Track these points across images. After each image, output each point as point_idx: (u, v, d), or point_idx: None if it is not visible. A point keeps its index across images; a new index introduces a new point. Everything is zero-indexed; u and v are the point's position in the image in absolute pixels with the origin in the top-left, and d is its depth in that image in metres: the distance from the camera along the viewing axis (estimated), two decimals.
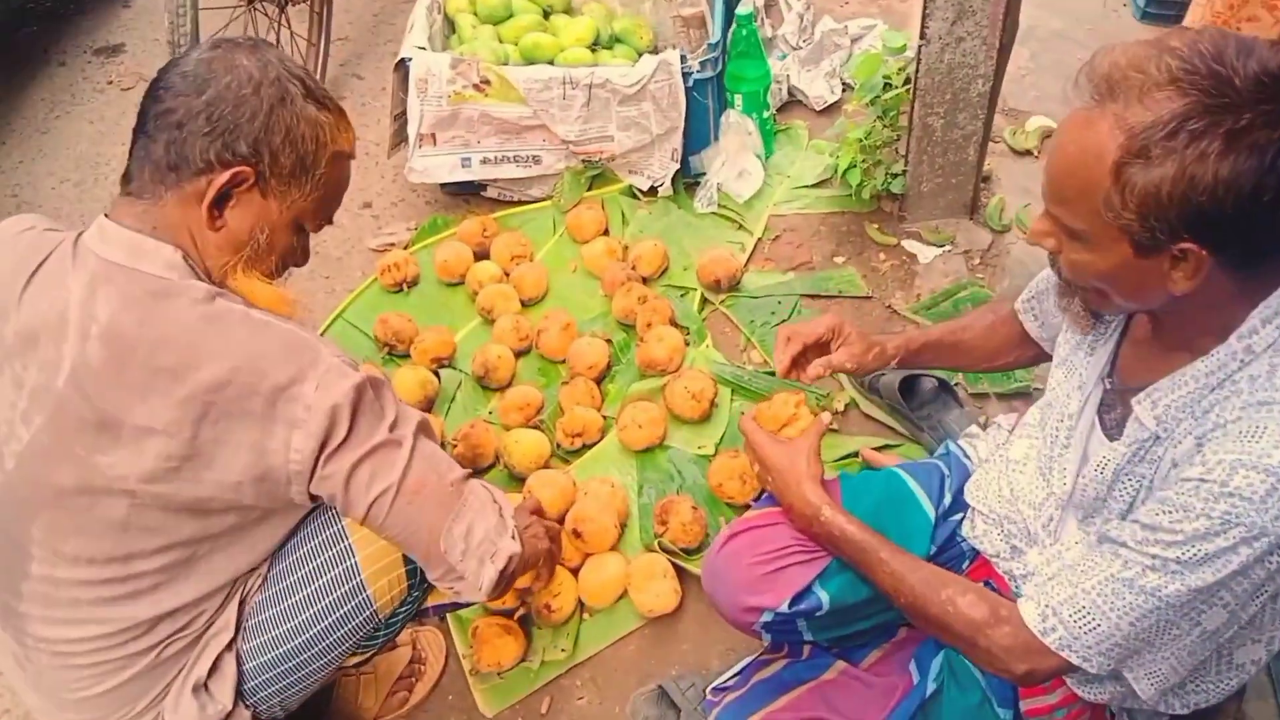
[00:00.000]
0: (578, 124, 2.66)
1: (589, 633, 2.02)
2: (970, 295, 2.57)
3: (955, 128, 2.50)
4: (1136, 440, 1.25)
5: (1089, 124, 1.09)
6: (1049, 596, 1.26)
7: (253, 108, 1.28)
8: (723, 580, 1.56)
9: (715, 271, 2.58)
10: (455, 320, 2.64)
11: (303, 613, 1.44)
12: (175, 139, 1.27)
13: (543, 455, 2.24)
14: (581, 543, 2.04)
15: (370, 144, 3.20)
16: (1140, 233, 1.09)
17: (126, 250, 1.28)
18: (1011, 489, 1.54)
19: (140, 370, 1.24)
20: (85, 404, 1.25)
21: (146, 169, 1.29)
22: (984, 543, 1.58)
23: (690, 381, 2.28)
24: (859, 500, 1.58)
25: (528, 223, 2.87)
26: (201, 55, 1.31)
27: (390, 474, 1.32)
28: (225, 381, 1.24)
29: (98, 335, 1.25)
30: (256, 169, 1.30)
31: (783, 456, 1.55)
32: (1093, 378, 1.37)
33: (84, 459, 1.26)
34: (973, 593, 1.34)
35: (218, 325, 1.27)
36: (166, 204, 1.29)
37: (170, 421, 1.24)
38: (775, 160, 2.96)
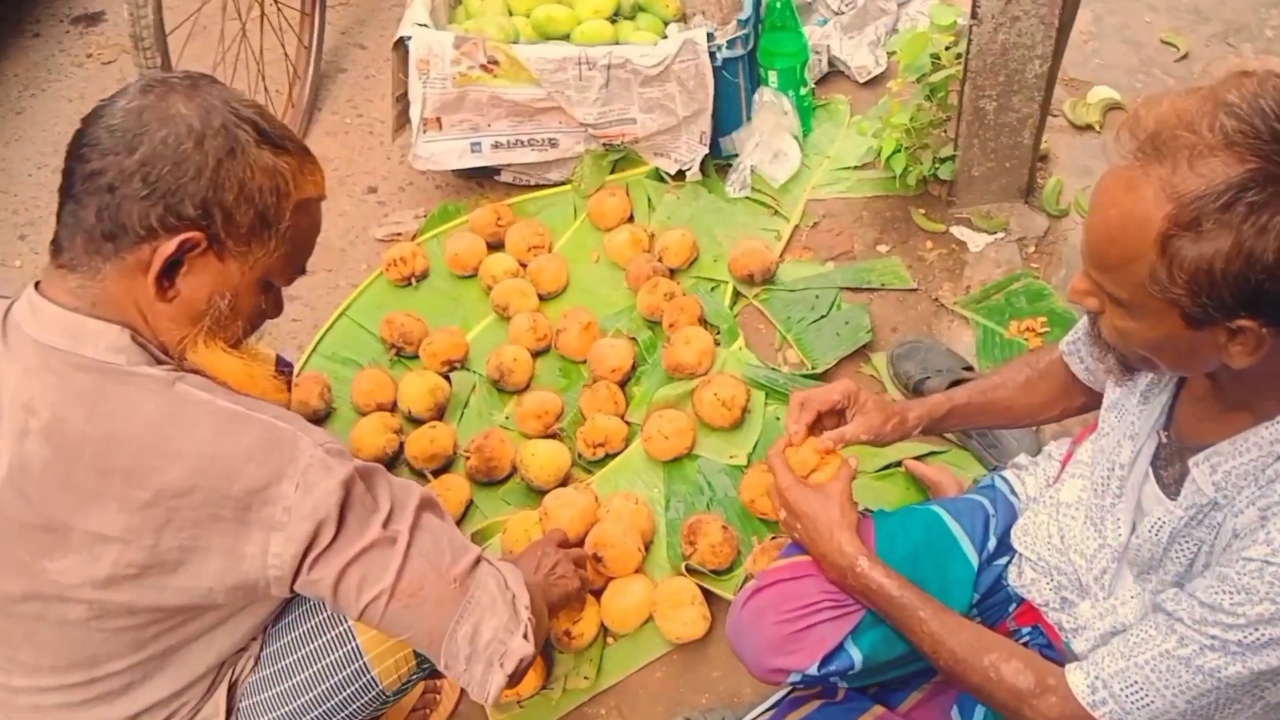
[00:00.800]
0: (596, 106, 2.66)
1: (613, 659, 2.06)
2: (1024, 287, 2.56)
3: (1010, 111, 2.48)
4: (1194, 504, 1.25)
5: (1132, 187, 1.06)
6: (1100, 668, 1.27)
7: (196, 164, 1.20)
8: (748, 640, 1.58)
9: (749, 265, 2.58)
10: (467, 317, 2.66)
11: (306, 694, 1.46)
12: (108, 205, 1.19)
13: (562, 467, 2.27)
14: (603, 567, 2.06)
15: (375, 121, 3.22)
16: (1191, 308, 1.07)
17: (64, 332, 1.21)
18: (1063, 536, 1.55)
19: (89, 472, 1.19)
20: (27, 507, 1.21)
21: (79, 239, 1.21)
22: (1032, 592, 1.59)
23: (720, 388, 2.29)
24: (895, 546, 1.59)
25: (545, 209, 2.88)
26: (130, 104, 1.21)
27: (384, 576, 1.29)
28: (190, 487, 1.19)
29: (38, 432, 1.20)
30: (208, 232, 1.23)
31: (814, 502, 1.56)
32: (1146, 428, 1.37)
33: (29, 564, 1.23)
34: (1017, 659, 1.36)
35: (178, 420, 1.21)
36: (106, 277, 1.22)
37: (127, 529, 1.20)
38: (814, 139, 2.95)
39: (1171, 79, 3.08)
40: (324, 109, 3.29)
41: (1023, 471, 1.77)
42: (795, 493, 1.58)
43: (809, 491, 1.58)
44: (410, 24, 2.68)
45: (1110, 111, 3.00)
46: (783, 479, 1.60)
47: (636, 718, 1.99)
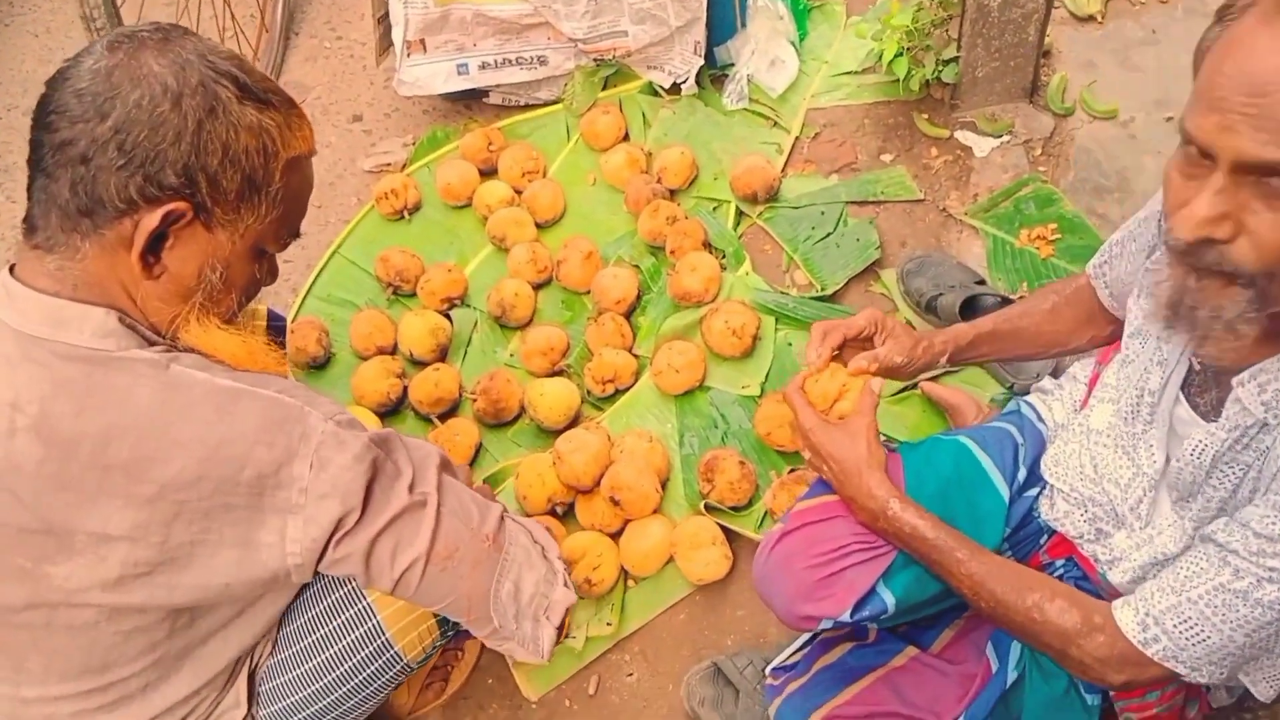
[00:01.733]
0: (586, 20, 2.48)
1: (635, 603, 2.00)
2: (1033, 193, 2.44)
3: (1015, 6, 2.33)
4: (1239, 425, 1.17)
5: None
6: (1149, 604, 1.21)
7: (175, 127, 1.08)
8: (777, 587, 1.50)
9: (751, 183, 2.45)
10: (464, 249, 2.53)
11: (328, 673, 1.40)
12: (82, 177, 1.07)
13: (572, 406, 2.18)
14: (620, 510, 1.98)
15: (355, 44, 3.03)
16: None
17: (45, 319, 1.10)
18: (1095, 466, 1.48)
19: (87, 469, 1.09)
20: (22, 510, 1.11)
21: (53, 216, 1.10)
22: (1066, 524, 1.52)
23: (730, 316, 2.18)
24: (925, 482, 1.51)
25: (537, 130, 2.73)
26: (97, 65, 1.08)
27: (417, 542, 1.20)
28: (197, 476, 1.10)
29: (27, 429, 1.09)
30: (193, 200, 1.11)
31: (840, 442, 1.46)
32: (1175, 353, 1.29)
33: (30, 571, 1.13)
34: (1061, 598, 1.29)
35: (177, 405, 1.11)
36: (86, 256, 1.11)
37: (134, 526, 1.10)
38: (810, 44, 2.78)
39: None
40: (301, 33, 3.10)
41: (1048, 396, 1.69)
42: (819, 433, 1.48)
43: (833, 430, 1.48)
44: None
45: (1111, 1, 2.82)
46: (805, 418, 1.50)
47: (662, 662, 1.94)
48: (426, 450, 1.29)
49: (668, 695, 1.89)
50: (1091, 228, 2.36)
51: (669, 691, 1.89)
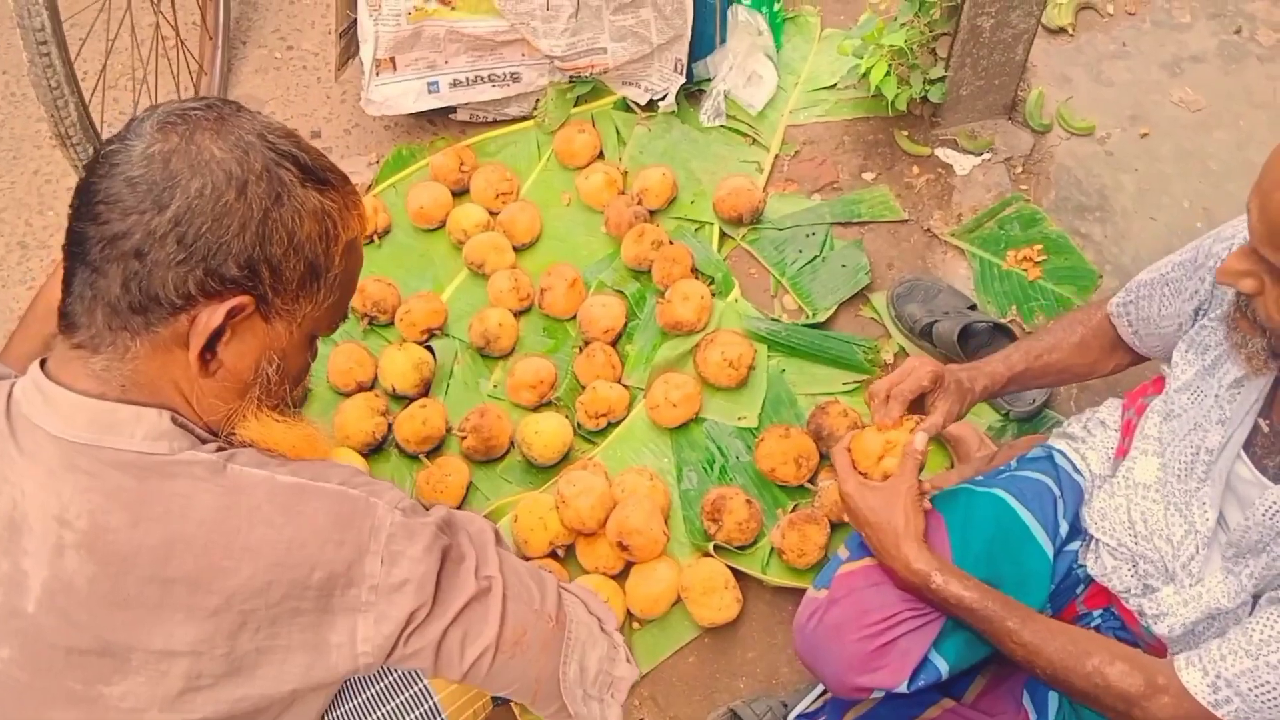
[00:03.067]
0: (565, 37, 2.38)
1: (643, 646, 1.93)
2: (1016, 213, 2.42)
3: (1007, 27, 2.29)
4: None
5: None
6: (1220, 665, 1.20)
7: (240, 217, 0.99)
8: (827, 657, 1.45)
9: (737, 205, 2.37)
10: (439, 274, 2.42)
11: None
12: (136, 273, 0.98)
13: (566, 442, 2.10)
14: (629, 554, 1.90)
15: (307, 54, 2.87)
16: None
17: (91, 424, 1.01)
18: (1145, 521, 1.46)
19: (147, 584, 1.00)
20: (75, 631, 1.02)
21: (99, 313, 1.00)
22: (1113, 579, 1.50)
23: (725, 347, 2.12)
24: (969, 544, 1.47)
25: (506, 147, 2.61)
26: (150, 149, 0.99)
27: (486, 631, 1.13)
28: (266, 583, 1.01)
29: (77, 545, 1.00)
30: (255, 293, 1.03)
31: (877, 510, 1.42)
32: (1241, 413, 1.28)
33: (83, 693, 1.04)
34: (1121, 661, 1.27)
35: (241, 510, 1.02)
36: (137, 356, 1.02)
37: (198, 640, 1.02)
38: (785, 57, 2.71)
39: None
40: (249, 42, 2.91)
41: (1079, 444, 1.65)
42: (856, 499, 1.44)
43: (870, 495, 1.43)
44: None
45: (1082, 11, 2.82)
46: (845, 482, 1.46)
47: (673, 707, 1.87)
48: (481, 526, 1.22)
49: None
50: (1075, 248, 2.35)
51: None
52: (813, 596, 1.50)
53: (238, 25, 2.92)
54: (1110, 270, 2.33)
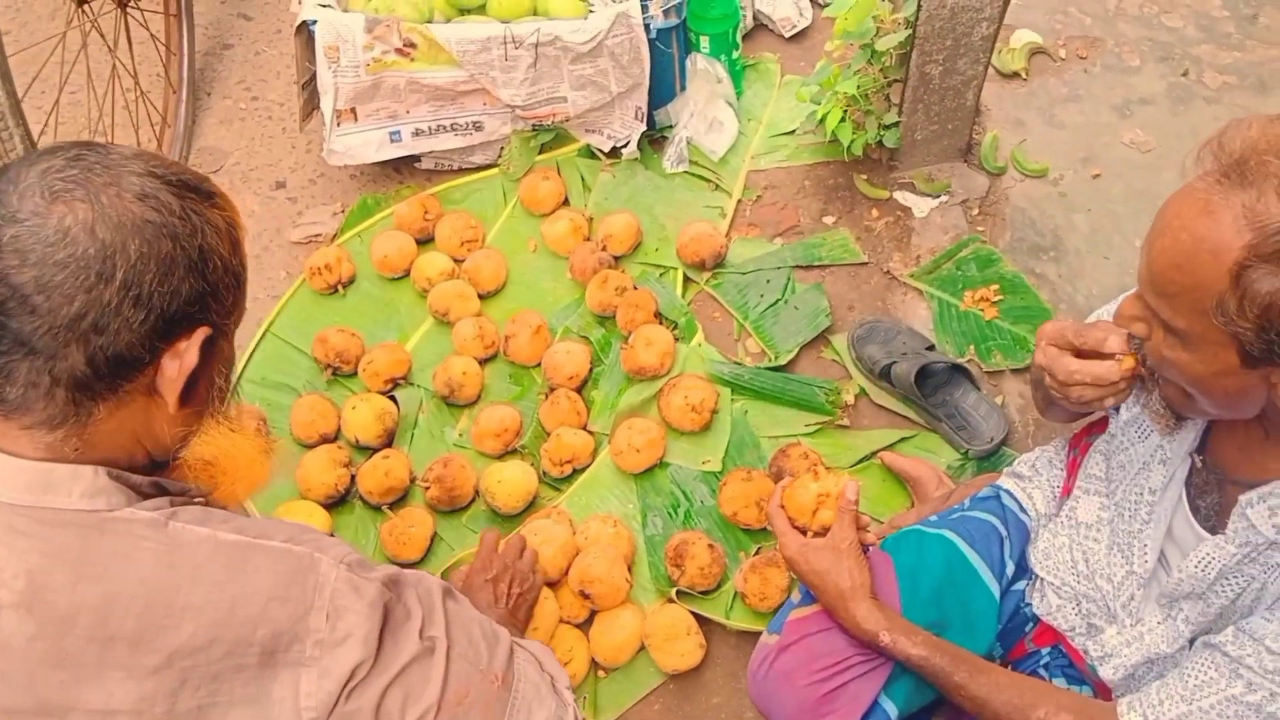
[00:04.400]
0: (524, 87, 2.40)
1: (607, 695, 1.93)
2: (973, 254, 2.44)
3: (955, 74, 2.33)
4: (1249, 543, 1.19)
5: (1208, 211, 0.99)
6: (1158, 711, 1.21)
7: (182, 260, 1.01)
8: (777, 703, 1.47)
9: (699, 251, 2.39)
10: (403, 323, 2.42)
11: None
12: (102, 346, 0.98)
13: (530, 490, 2.10)
14: (591, 603, 1.89)
15: (272, 105, 2.87)
16: (1255, 344, 1.00)
17: (30, 486, 1.00)
18: (1087, 561, 1.48)
19: (87, 643, 0.99)
20: (12, 691, 1.00)
21: (58, 394, 0.99)
22: (1057, 618, 1.53)
23: (689, 392, 2.13)
24: (919, 588, 1.50)
25: (471, 195, 2.63)
26: (65, 223, 0.96)
27: (428, 692, 1.12)
28: (209, 641, 1.01)
29: (15, 604, 0.98)
30: (209, 322, 1.05)
31: (822, 569, 1.44)
32: (1179, 453, 1.30)
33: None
34: (1068, 713, 1.28)
35: (184, 568, 1.01)
36: (99, 419, 1.02)
37: (138, 699, 1.00)
38: (746, 103, 2.75)
39: (1089, 18, 2.94)
40: (214, 93, 2.92)
41: (1026, 483, 1.68)
42: (800, 561, 1.47)
43: (814, 556, 1.46)
44: (313, 6, 2.35)
45: (1034, 56, 2.86)
46: (786, 545, 1.49)
47: None
48: (429, 584, 1.21)
49: None
50: (1031, 288, 2.37)
51: None
52: (765, 642, 1.51)
53: (202, 76, 2.93)
54: (1065, 309, 2.36)
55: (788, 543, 1.49)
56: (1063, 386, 1.28)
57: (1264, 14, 2.93)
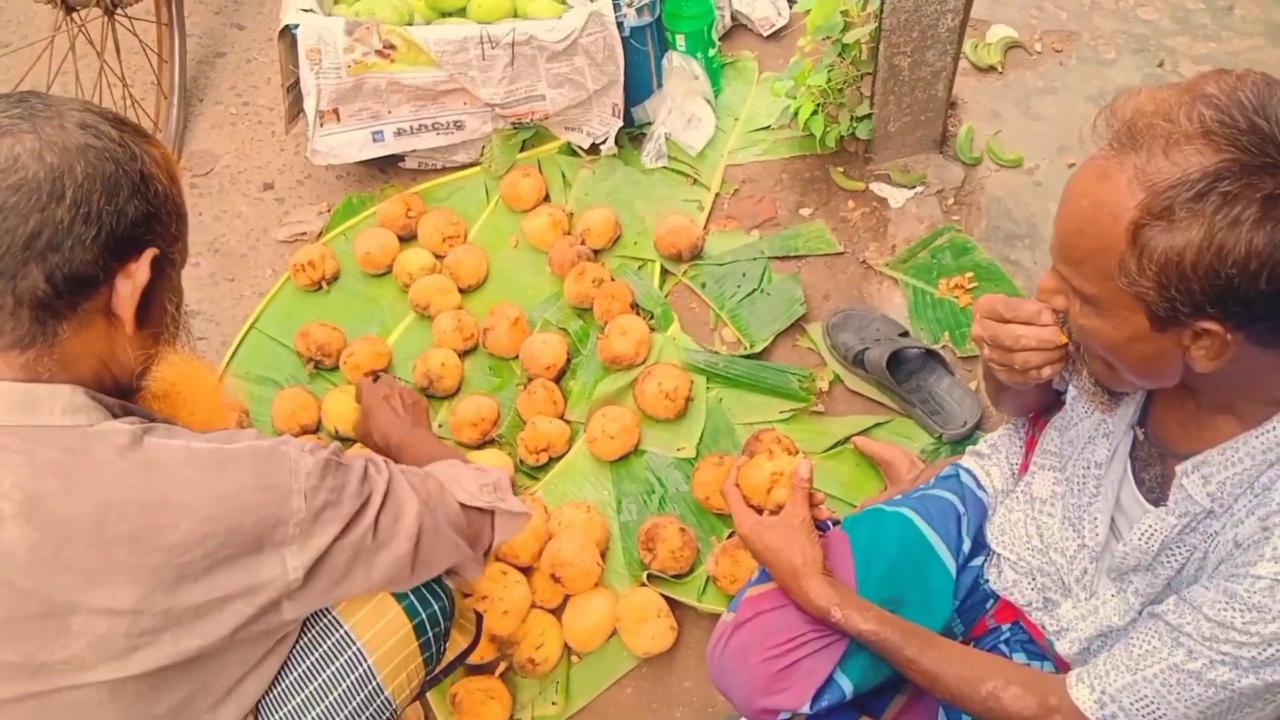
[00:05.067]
0: (502, 85, 2.41)
1: (580, 680, 1.93)
2: (948, 242, 2.44)
3: (924, 66, 2.33)
4: (1187, 513, 1.19)
5: (1105, 176, 1.00)
6: (1105, 681, 1.21)
7: (125, 182, 1.08)
8: (734, 680, 1.46)
9: (676, 242, 2.40)
10: (385, 319, 2.43)
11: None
12: (59, 263, 1.04)
13: None
14: (562, 586, 1.90)
15: (262, 110, 2.91)
16: (1159, 303, 1.00)
17: (14, 406, 1.06)
18: (1041, 536, 1.48)
19: (86, 548, 1.05)
20: (17, 598, 1.05)
21: (24, 315, 1.05)
22: (1014, 594, 1.52)
23: (663, 379, 2.13)
24: (874, 563, 1.49)
25: (455, 193, 2.64)
26: (17, 152, 1.04)
27: (409, 502, 1.30)
28: (203, 535, 1.08)
29: (15, 515, 1.04)
30: (156, 245, 1.13)
31: (775, 546, 1.44)
32: (1121, 426, 1.30)
33: (23, 664, 1.07)
34: (1015, 685, 1.28)
35: (165, 473, 1.08)
36: (64, 337, 1.08)
37: (139, 598, 1.07)
38: (725, 100, 2.76)
39: (1064, 14, 2.94)
40: (205, 99, 2.96)
41: (985, 461, 1.67)
42: (754, 538, 1.47)
43: (767, 534, 1.46)
44: (295, 10, 2.38)
45: (1010, 50, 2.86)
46: (740, 522, 1.49)
47: None
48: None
49: None
50: (1006, 275, 2.36)
51: None
52: (724, 620, 1.51)
53: (195, 83, 2.97)
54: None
55: (742, 521, 1.49)
56: (1007, 354, 1.28)
57: (1239, 5, 2.92)
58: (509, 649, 1.88)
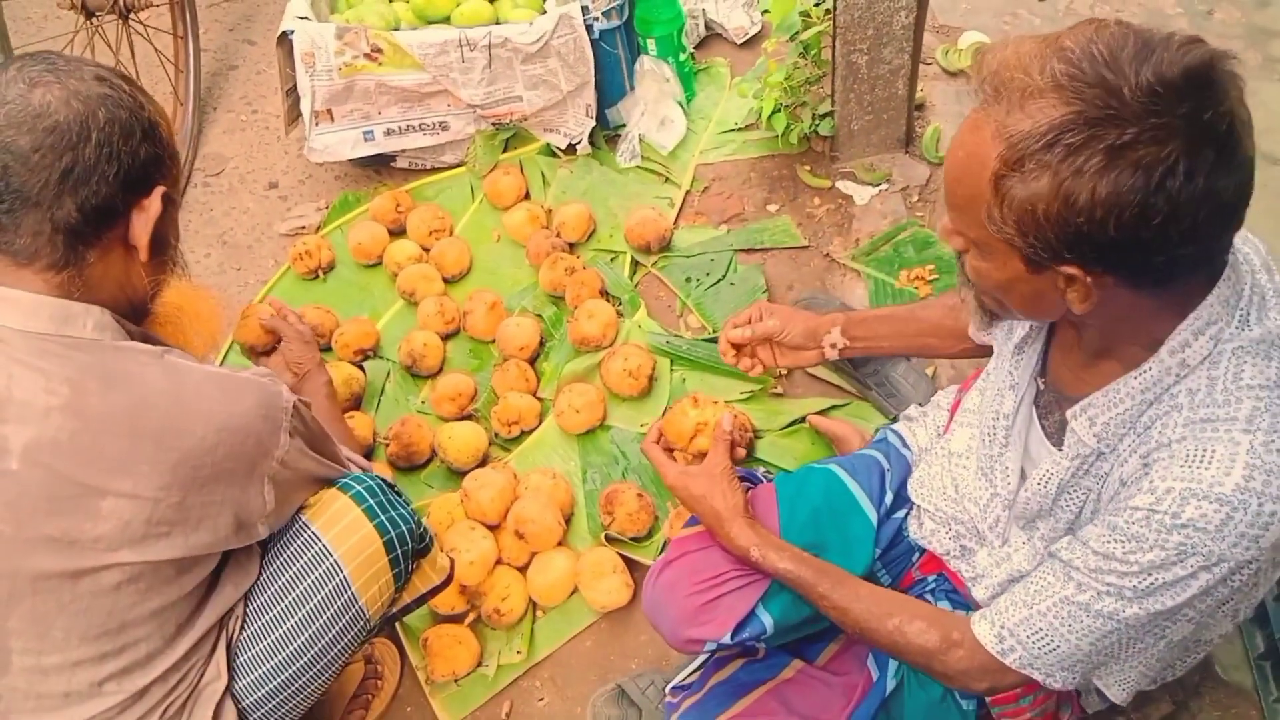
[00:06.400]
0: (482, 87, 2.51)
1: (543, 632, 1.99)
2: (911, 236, 2.49)
3: (881, 63, 2.40)
4: (1079, 455, 1.21)
5: (976, 128, 1.02)
6: (1004, 617, 1.24)
7: (139, 126, 1.22)
8: (663, 613, 1.52)
9: (644, 234, 2.48)
10: (376, 305, 2.53)
11: (299, 636, 1.44)
12: (87, 195, 1.19)
13: (480, 448, 2.17)
14: (525, 543, 1.97)
15: (269, 117, 3.03)
16: (1025, 249, 1.02)
17: (53, 318, 1.20)
18: (956, 486, 1.51)
19: (120, 438, 1.19)
20: (56, 480, 1.18)
21: (60, 240, 1.20)
22: (932, 542, 1.55)
23: (626, 359, 2.20)
24: (797, 511, 1.54)
25: (443, 192, 2.74)
26: (46, 100, 1.17)
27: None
28: (214, 445, 1.23)
29: (61, 408, 1.17)
30: (164, 182, 1.27)
31: (701, 499, 1.51)
32: (1025, 378, 1.33)
33: (60, 539, 1.20)
34: (920, 619, 1.32)
35: (187, 386, 1.24)
36: (90, 262, 1.23)
37: (160, 488, 1.21)
38: (698, 103, 2.84)
39: (1038, 19, 3.02)
40: (219, 107, 3.09)
41: (913, 423, 1.72)
42: (680, 489, 1.54)
43: (692, 482, 1.53)
44: (292, 18, 2.50)
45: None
46: (665, 472, 1.57)
47: (570, 686, 1.92)
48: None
49: (577, 718, 1.87)
50: None
51: (577, 714, 1.87)
52: (657, 560, 1.58)
53: (210, 93, 3.10)
54: None
55: (667, 471, 1.55)
56: None
57: (1219, 9, 2.96)
58: (477, 600, 1.96)
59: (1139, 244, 0.95)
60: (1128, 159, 0.91)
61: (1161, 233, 0.94)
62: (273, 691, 1.44)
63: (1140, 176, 0.91)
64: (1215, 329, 1.06)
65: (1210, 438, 1.04)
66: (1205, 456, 1.04)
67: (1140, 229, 0.94)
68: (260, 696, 1.43)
